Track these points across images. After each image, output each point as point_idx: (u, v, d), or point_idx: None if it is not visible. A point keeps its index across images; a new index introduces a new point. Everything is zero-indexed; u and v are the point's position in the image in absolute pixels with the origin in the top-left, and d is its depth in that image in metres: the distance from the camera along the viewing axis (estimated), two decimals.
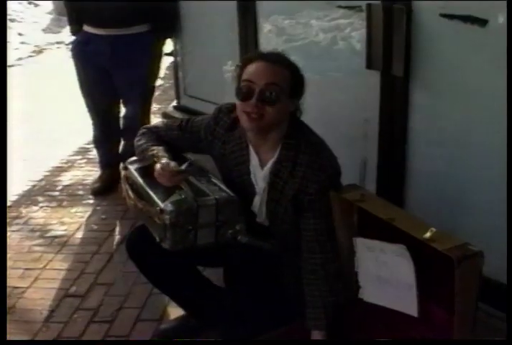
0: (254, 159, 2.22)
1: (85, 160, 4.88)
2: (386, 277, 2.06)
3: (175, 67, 4.58)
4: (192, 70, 4.41)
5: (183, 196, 2.08)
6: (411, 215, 1.87)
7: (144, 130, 2.43)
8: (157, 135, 2.38)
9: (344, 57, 3.00)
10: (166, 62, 8.67)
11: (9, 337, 2.41)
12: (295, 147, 2.13)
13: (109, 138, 4.24)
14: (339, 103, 3.11)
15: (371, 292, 2.17)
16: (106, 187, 4.27)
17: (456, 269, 1.60)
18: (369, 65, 2.69)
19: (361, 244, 2.14)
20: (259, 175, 2.21)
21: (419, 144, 2.71)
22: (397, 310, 2.08)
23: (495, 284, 2.23)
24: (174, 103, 4.66)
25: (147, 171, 2.27)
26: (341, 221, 2.15)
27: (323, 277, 2.17)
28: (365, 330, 2.20)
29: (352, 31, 2.90)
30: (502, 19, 2.23)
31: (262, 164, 2.21)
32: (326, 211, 2.13)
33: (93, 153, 5.03)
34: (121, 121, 4.23)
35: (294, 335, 2.23)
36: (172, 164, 2.12)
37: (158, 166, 2.13)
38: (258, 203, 2.25)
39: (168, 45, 4.28)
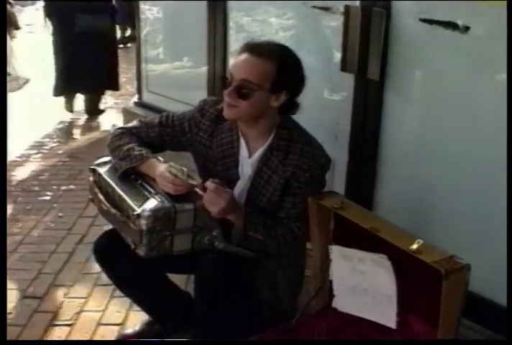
0: (243, 151, 2.20)
1: (40, 155, 4.71)
2: (363, 286, 2.02)
3: (137, 59, 4.48)
4: (156, 65, 4.33)
5: (159, 201, 2.02)
6: (394, 225, 1.82)
7: (122, 130, 2.31)
8: (138, 136, 2.28)
9: (318, 58, 2.96)
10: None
11: None
12: (287, 137, 2.15)
13: None
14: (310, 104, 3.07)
15: (345, 302, 2.13)
16: None
17: (444, 281, 1.56)
18: (344, 68, 2.66)
19: (337, 252, 2.09)
20: (247, 165, 2.20)
21: (390, 148, 2.69)
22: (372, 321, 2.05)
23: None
24: (135, 99, 4.57)
25: (115, 172, 2.19)
26: (317, 228, 2.10)
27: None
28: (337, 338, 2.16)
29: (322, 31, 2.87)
30: (483, 25, 2.22)
31: (251, 153, 2.19)
32: (304, 197, 2.12)
33: (48, 147, 4.91)
34: None
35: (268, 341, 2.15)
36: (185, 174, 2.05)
37: (167, 176, 2.07)
38: (239, 189, 2.21)
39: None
